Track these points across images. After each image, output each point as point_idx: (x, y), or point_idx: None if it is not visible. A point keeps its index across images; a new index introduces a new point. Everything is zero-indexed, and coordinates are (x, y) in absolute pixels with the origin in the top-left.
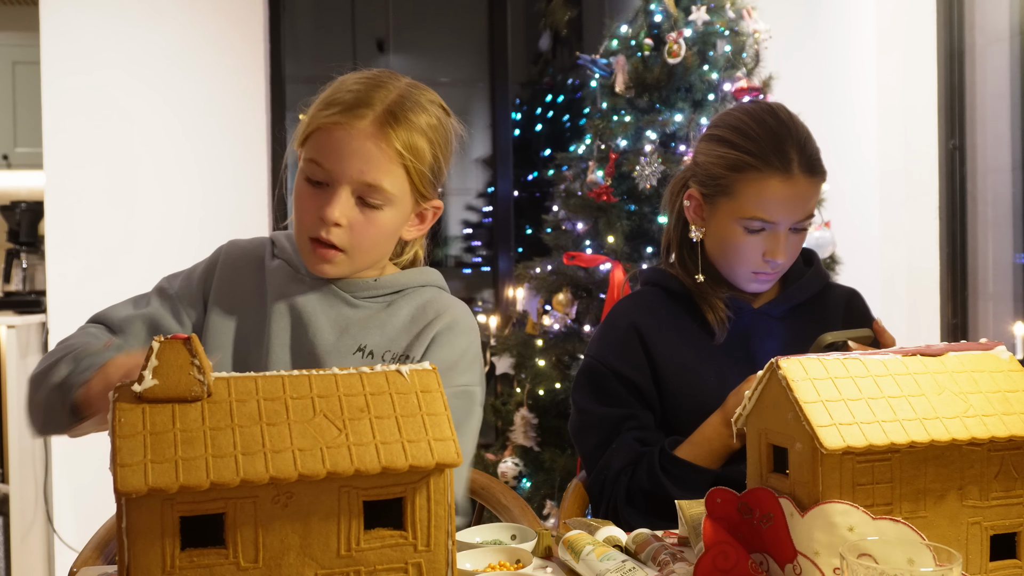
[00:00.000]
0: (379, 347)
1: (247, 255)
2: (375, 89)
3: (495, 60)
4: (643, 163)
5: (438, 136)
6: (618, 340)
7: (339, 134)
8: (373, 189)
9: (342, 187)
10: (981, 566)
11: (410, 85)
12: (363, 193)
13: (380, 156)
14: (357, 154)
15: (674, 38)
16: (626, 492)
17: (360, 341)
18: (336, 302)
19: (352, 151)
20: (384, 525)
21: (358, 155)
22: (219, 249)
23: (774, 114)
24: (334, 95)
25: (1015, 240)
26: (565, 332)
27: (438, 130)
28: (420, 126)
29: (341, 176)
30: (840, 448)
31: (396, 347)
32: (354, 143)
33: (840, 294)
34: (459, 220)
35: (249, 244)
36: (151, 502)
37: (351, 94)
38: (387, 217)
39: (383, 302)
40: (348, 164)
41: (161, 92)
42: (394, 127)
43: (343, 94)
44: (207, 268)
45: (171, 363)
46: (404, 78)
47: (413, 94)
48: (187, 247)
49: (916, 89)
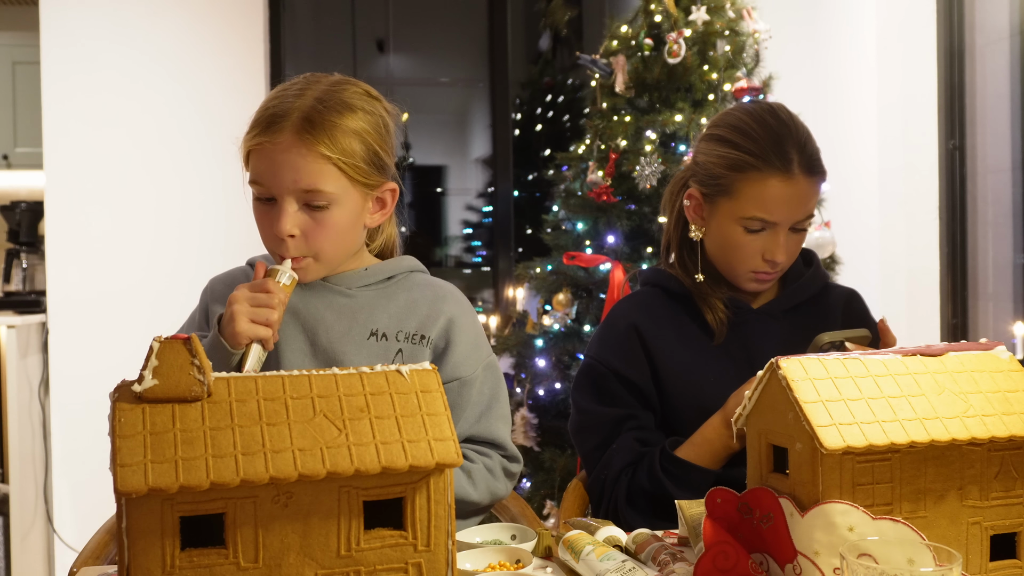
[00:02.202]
0: (390, 329)
1: (232, 282)
2: (292, 99)
3: (495, 60)
4: (643, 163)
5: (367, 126)
6: (618, 340)
7: (267, 152)
8: (312, 194)
9: (284, 200)
10: (981, 566)
11: (332, 84)
12: (306, 200)
13: (305, 163)
14: (284, 166)
15: (674, 38)
16: (626, 492)
17: (371, 326)
18: (334, 296)
19: (279, 164)
20: (384, 525)
21: (286, 167)
22: (204, 291)
23: (774, 114)
24: (258, 114)
25: (1015, 240)
26: (565, 332)
27: (366, 120)
28: (342, 125)
29: (281, 189)
30: (840, 448)
31: (407, 327)
32: (279, 157)
33: (839, 294)
34: (459, 220)
35: (229, 274)
36: (151, 502)
37: (268, 111)
38: (336, 215)
39: (377, 289)
40: (282, 177)
41: (161, 92)
42: (312, 132)
43: (261, 113)
44: (202, 309)
45: (171, 363)
46: (329, 77)
47: (333, 93)
48: (187, 247)
49: (916, 89)
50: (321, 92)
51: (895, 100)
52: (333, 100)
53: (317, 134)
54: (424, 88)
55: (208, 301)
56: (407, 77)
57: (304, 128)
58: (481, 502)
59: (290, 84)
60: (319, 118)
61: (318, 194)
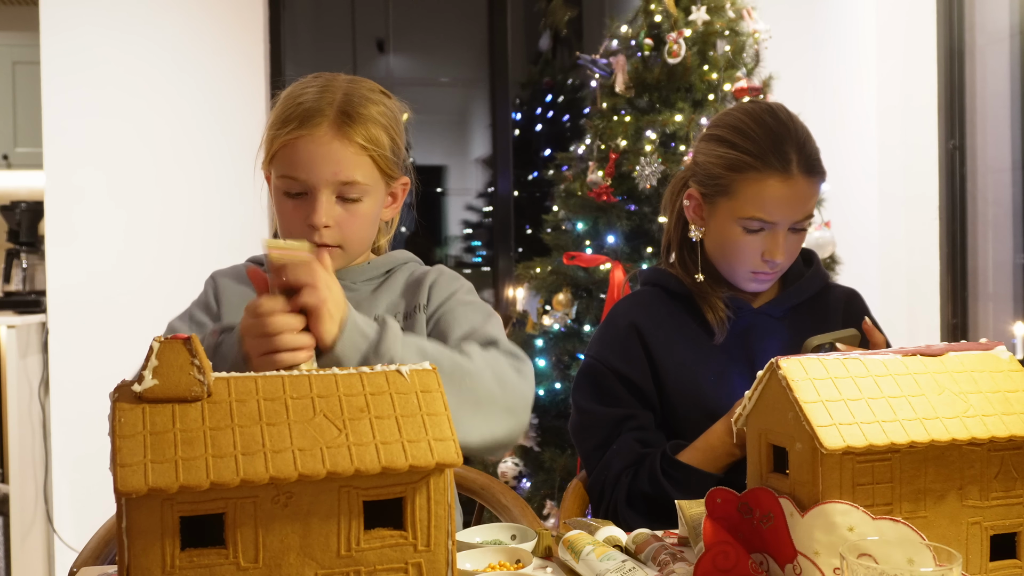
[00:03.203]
0: (389, 312)
1: (237, 275)
2: (322, 94)
3: (495, 60)
4: (643, 163)
5: (388, 120)
6: (618, 340)
7: (304, 145)
8: (349, 185)
9: (321, 192)
10: (981, 566)
11: (350, 81)
12: (341, 192)
13: (346, 153)
14: (327, 158)
15: (674, 38)
16: (626, 494)
17: (372, 313)
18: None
19: (321, 157)
20: (384, 525)
21: (328, 159)
22: (209, 279)
23: (774, 114)
24: (286, 111)
25: (1015, 240)
26: (565, 332)
27: (387, 115)
28: (372, 116)
29: (318, 182)
30: (840, 448)
31: (404, 307)
32: (321, 149)
33: (840, 295)
34: (459, 220)
35: (232, 268)
36: (151, 502)
37: (302, 107)
38: (367, 206)
39: (377, 281)
40: (321, 170)
41: (161, 92)
42: (350, 124)
43: (294, 108)
44: (212, 292)
45: (171, 363)
46: (342, 75)
47: (357, 89)
48: (187, 247)
49: (916, 89)
50: (346, 87)
51: (895, 100)
52: (359, 94)
53: (355, 125)
54: (424, 88)
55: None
56: (407, 77)
57: (343, 120)
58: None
59: (306, 83)
60: (353, 111)
61: (354, 186)
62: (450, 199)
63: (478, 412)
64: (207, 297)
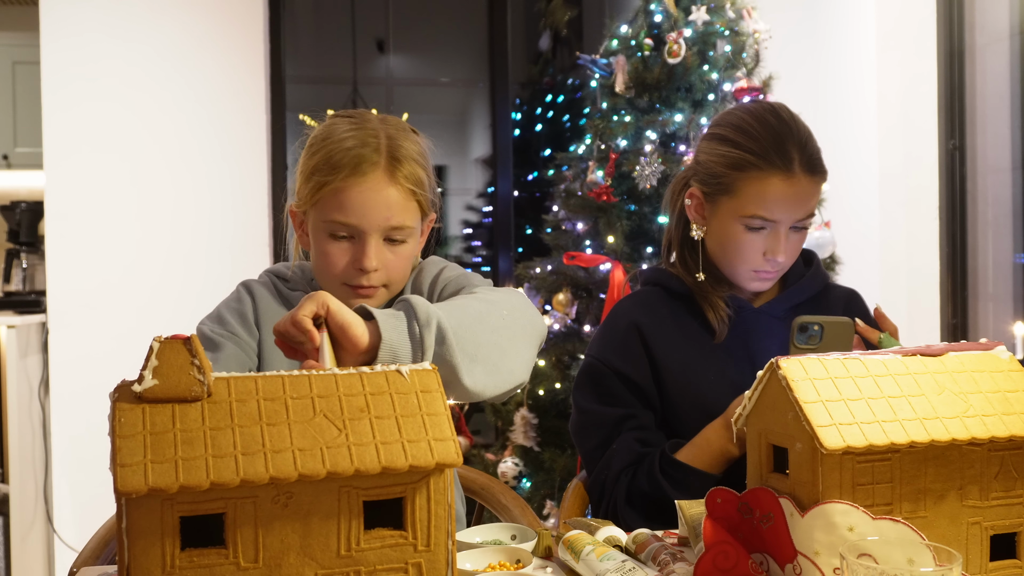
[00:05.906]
0: None
1: (264, 287)
2: (368, 138)
3: (495, 60)
4: (643, 163)
5: (423, 158)
6: (618, 340)
7: (357, 191)
8: (399, 230)
9: (371, 236)
10: (981, 566)
11: (382, 120)
12: (389, 235)
13: (399, 198)
14: (380, 204)
15: (674, 38)
16: (626, 493)
17: None
18: None
19: (375, 203)
20: (384, 525)
21: (381, 205)
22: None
23: (776, 113)
24: (333, 156)
25: (1015, 240)
26: (565, 332)
27: (423, 154)
28: (412, 156)
29: (369, 228)
30: (840, 448)
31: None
32: (374, 196)
33: (840, 295)
34: (459, 220)
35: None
36: (151, 502)
37: (350, 152)
38: (410, 247)
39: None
40: (374, 216)
41: (161, 92)
42: (399, 168)
43: (342, 154)
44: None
45: (171, 363)
46: (368, 114)
47: (395, 131)
48: (186, 246)
49: (916, 89)
50: (387, 130)
51: (895, 100)
52: (398, 135)
53: (403, 169)
54: (424, 88)
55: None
56: (407, 77)
57: (393, 166)
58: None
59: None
60: (399, 152)
61: (402, 230)
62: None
63: (522, 340)
64: (243, 307)
